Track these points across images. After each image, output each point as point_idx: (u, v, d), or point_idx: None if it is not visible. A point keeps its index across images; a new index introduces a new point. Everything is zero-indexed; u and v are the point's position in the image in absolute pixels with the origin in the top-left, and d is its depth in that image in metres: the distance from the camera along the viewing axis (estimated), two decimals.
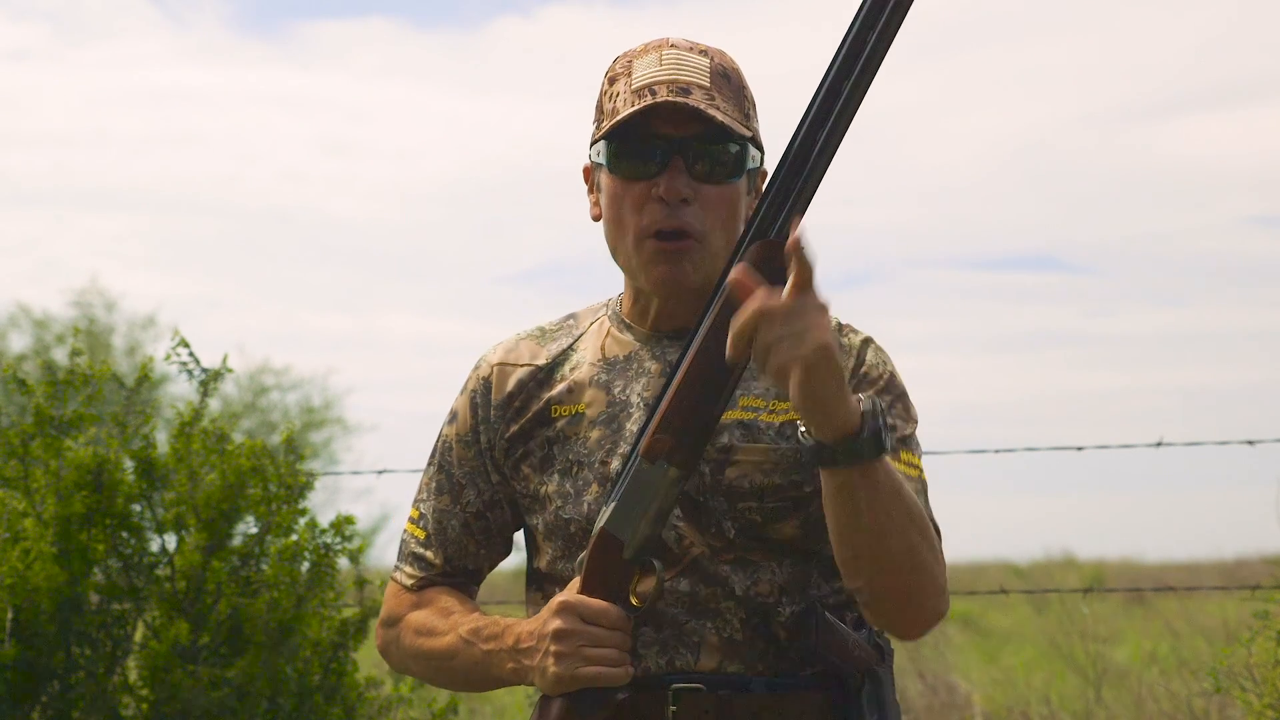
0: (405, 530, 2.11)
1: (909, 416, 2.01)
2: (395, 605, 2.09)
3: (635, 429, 1.95)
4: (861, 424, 1.75)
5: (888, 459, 1.80)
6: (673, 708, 1.89)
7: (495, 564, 2.11)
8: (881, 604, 1.89)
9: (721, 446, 1.94)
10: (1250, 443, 4.87)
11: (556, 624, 1.87)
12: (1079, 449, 5.12)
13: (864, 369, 2.00)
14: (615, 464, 1.94)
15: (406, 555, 2.10)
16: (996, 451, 5.07)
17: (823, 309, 1.72)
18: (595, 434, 1.98)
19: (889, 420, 1.95)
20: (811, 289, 1.71)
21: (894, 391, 2.00)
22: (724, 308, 1.84)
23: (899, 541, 1.83)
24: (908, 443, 1.98)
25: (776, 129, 2.02)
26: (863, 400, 1.77)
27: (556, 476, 1.98)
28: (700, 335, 1.86)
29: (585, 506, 1.95)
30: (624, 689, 1.87)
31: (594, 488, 1.95)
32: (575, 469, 1.97)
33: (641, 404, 1.97)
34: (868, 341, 2.02)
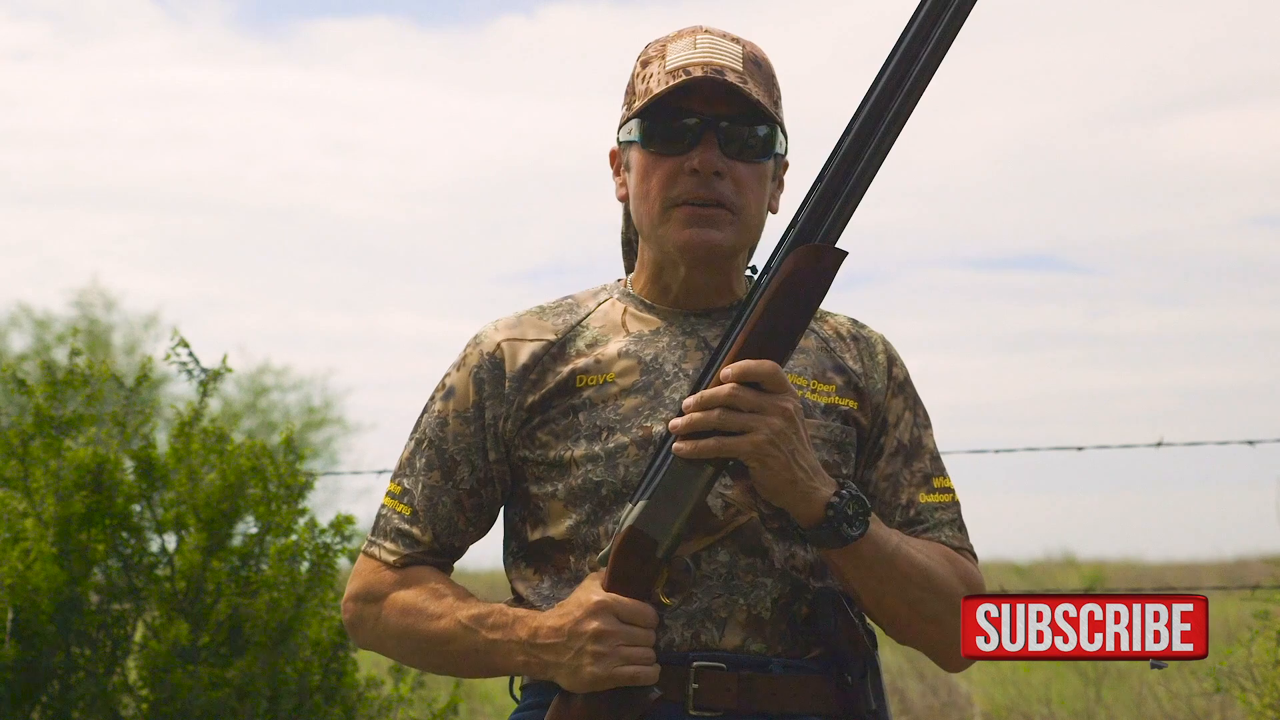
0: (384, 506, 2.07)
1: (927, 416, 2.07)
2: (374, 581, 2.04)
3: (676, 397, 1.95)
4: (824, 515, 1.84)
5: (877, 532, 1.88)
6: (695, 685, 1.89)
7: (475, 540, 2.08)
8: (912, 644, 1.99)
9: None
10: (1250, 443, 4.88)
11: (595, 625, 1.86)
12: (1079, 449, 5.13)
13: (895, 369, 2.06)
14: (658, 428, 1.94)
15: (389, 531, 2.05)
16: (996, 451, 5.08)
17: (784, 413, 1.82)
18: (630, 401, 1.97)
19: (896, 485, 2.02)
20: (769, 391, 1.82)
21: (916, 395, 2.07)
22: (768, 308, 1.87)
23: (897, 602, 1.92)
24: (936, 462, 2.05)
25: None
26: (841, 491, 1.85)
27: (584, 441, 1.97)
28: (741, 335, 1.87)
29: (622, 470, 1.94)
30: (656, 688, 1.87)
31: (631, 450, 1.95)
32: (606, 434, 1.96)
33: (680, 374, 1.98)
34: (885, 339, 2.09)
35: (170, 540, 4.22)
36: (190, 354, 4.38)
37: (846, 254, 1.87)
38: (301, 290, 34.76)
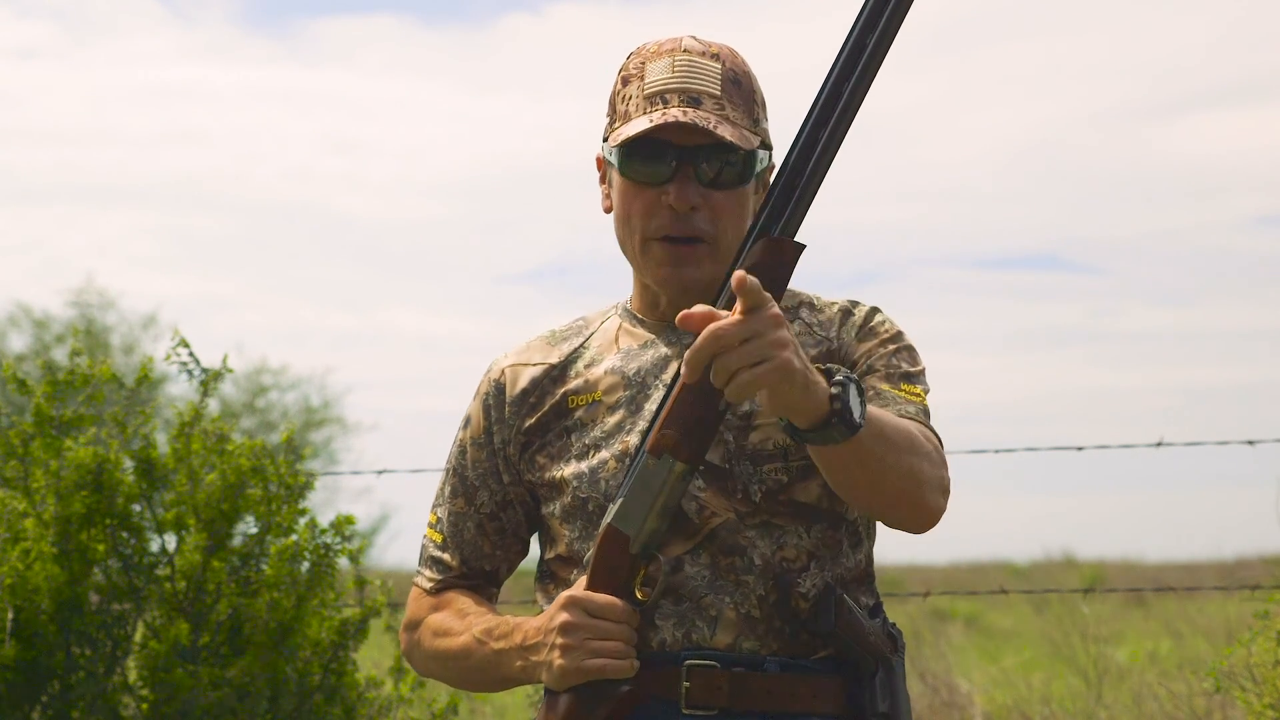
0: (425, 535, 2.15)
1: (915, 361, 2.04)
2: (416, 609, 2.13)
3: (653, 407, 1.97)
4: (830, 410, 1.78)
5: (872, 409, 1.84)
6: (686, 683, 1.91)
7: (514, 565, 2.14)
8: (885, 518, 1.95)
9: (744, 413, 1.97)
10: (1250, 443, 4.87)
11: (563, 618, 1.89)
12: (1079, 449, 5.12)
13: (871, 325, 2.04)
14: (634, 439, 1.97)
15: (426, 559, 2.13)
16: (996, 451, 5.07)
17: (776, 322, 1.74)
18: (614, 417, 2.00)
19: (878, 378, 1.99)
20: (762, 310, 1.74)
21: (900, 342, 2.04)
22: (729, 306, 1.87)
23: (894, 475, 1.87)
24: (910, 378, 2.01)
25: (785, 126, 2.06)
26: (835, 379, 1.79)
27: (574, 461, 2.00)
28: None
29: (603, 484, 1.97)
30: (629, 681, 1.88)
31: (610, 465, 1.97)
32: (592, 451, 2.00)
33: (661, 385, 2.00)
34: (875, 309, 2.07)
35: (170, 540, 4.22)
36: (190, 354, 4.37)
37: (804, 246, 1.89)
38: (304, 289, 34.80)
